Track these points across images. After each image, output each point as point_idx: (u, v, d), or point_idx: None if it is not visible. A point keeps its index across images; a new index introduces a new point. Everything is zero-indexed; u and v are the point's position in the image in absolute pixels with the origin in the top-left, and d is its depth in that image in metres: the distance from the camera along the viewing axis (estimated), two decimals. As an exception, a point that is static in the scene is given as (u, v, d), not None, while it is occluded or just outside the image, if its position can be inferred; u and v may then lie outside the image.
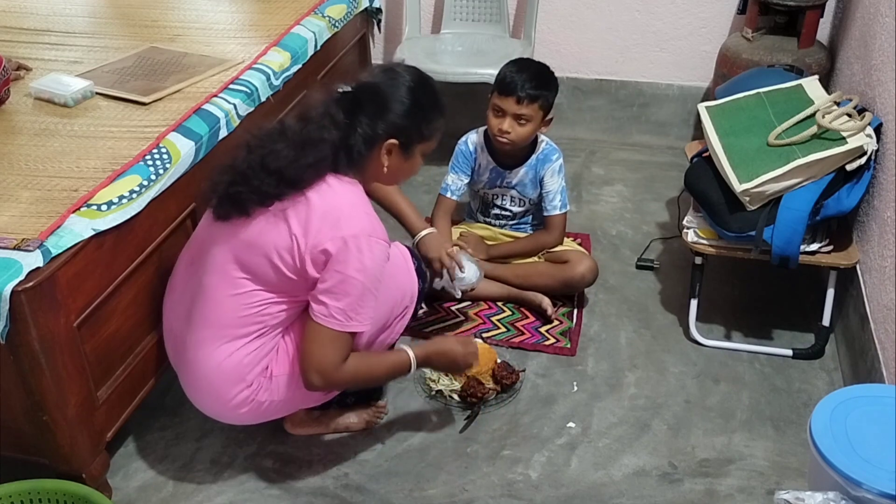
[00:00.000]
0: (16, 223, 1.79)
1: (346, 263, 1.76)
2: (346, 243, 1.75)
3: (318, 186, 1.80)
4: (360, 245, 1.76)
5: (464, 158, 2.66)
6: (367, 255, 1.77)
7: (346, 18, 3.03)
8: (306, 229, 1.77)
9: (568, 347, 2.47)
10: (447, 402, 2.27)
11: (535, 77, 2.46)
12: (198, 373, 1.91)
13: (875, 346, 2.17)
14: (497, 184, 2.65)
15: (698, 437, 2.19)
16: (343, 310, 1.78)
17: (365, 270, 1.77)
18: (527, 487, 2.05)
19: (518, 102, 2.44)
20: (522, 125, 2.48)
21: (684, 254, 2.66)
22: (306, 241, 1.77)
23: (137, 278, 1.99)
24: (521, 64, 2.52)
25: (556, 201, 2.60)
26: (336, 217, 1.78)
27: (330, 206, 1.78)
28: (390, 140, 1.85)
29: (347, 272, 1.76)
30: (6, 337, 1.67)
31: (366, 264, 1.77)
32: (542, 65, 2.55)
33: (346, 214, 1.78)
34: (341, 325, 1.79)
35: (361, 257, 1.76)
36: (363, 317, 1.81)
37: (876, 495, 1.46)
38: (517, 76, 2.45)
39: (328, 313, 1.78)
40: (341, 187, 1.82)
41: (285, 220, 1.78)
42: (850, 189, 2.28)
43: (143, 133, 2.12)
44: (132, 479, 2.08)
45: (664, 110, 3.54)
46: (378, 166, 1.88)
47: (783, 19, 3.06)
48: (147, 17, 2.88)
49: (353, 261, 1.76)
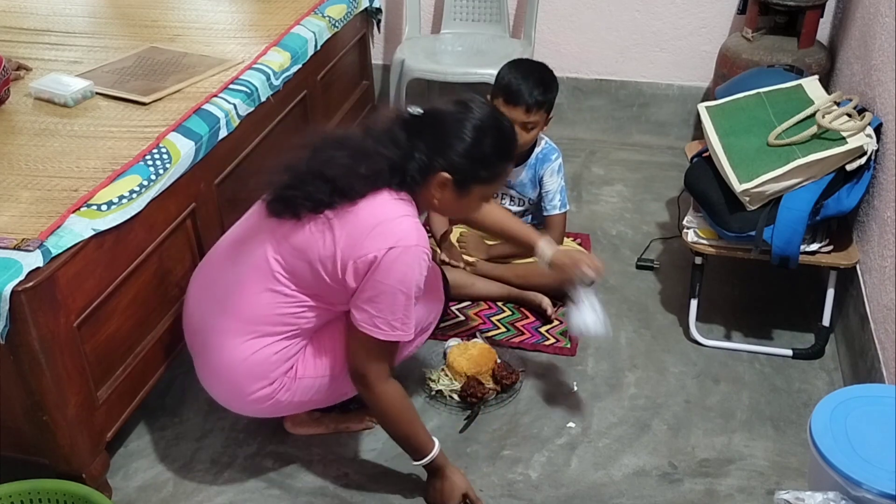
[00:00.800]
0: (16, 223, 1.79)
1: (388, 273, 1.73)
2: (390, 253, 1.73)
3: (371, 198, 1.77)
4: (404, 255, 1.74)
5: None
6: (411, 266, 1.75)
7: (346, 18, 3.03)
8: (350, 238, 1.75)
9: (568, 347, 2.47)
10: (447, 402, 2.27)
11: (541, 82, 2.42)
12: (220, 362, 1.89)
13: (875, 346, 2.17)
14: None
15: (698, 437, 2.19)
16: (386, 319, 1.77)
17: (407, 281, 1.75)
18: (527, 487, 2.05)
19: (527, 112, 2.40)
20: (530, 131, 2.46)
21: (684, 254, 2.66)
22: (350, 250, 1.75)
23: (137, 278, 1.99)
24: (524, 68, 2.46)
25: (555, 201, 2.60)
26: (381, 228, 1.75)
27: (376, 218, 1.75)
28: (444, 174, 1.79)
29: (389, 282, 1.74)
30: (6, 337, 1.67)
31: (408, 275, 1.74)
32: (543, 66, 2.53)
33: (392, 225, 1.75)
34: (385, 334, 1.78)
35: (405, 268, 1.74)
36: (407, 326, 1.80)
37: (876, 495, 1.46)
38: (523, 84, 2.39)
39: (372, 323, 1.77)
40: (391, 201, 1.78)
41: (331, 230, 1.76)
42: (850, 189, 2.28)
43: (143, 133, 2.12)
44: (132, 479, 2.08)
45: (664, 110, 3.54)
46: (430, 197, 1.84)
47: (783, 19, 3.06)
48: (147, 17, 2.88)
49: (395, 271, 1.74)
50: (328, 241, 1.76)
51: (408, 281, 1.75)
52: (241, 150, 2.38)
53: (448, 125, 1.81)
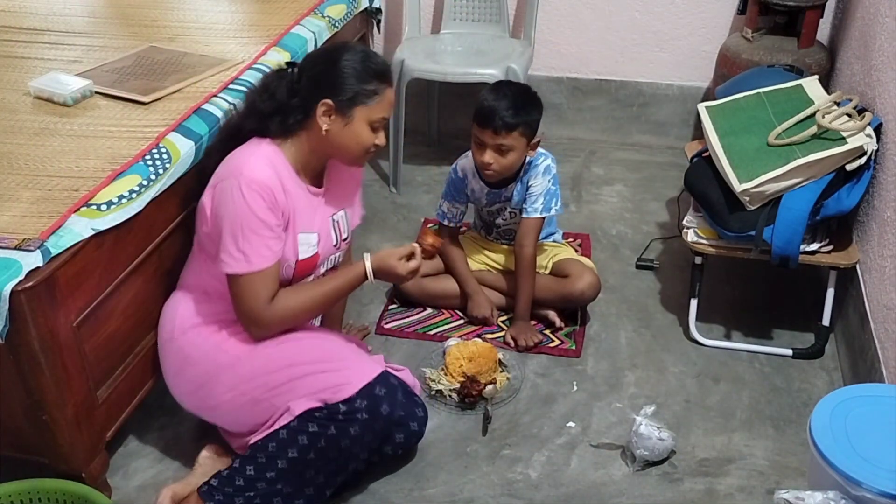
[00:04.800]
0: (17, 223, 1.79)
1: (222, 204, 1.86)
2: (220, 186, 1.87)
3: (240, 147, 1.92)
4: (232, 186, 1.84)
5: (455, 188, 2.59)
6: (235, 196, 1.84)
7: (345, 18, 3.03)
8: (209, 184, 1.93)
9: (573, 349, 2.47)
10: (447, 401, 2.27)
11: (513, 105, 2.33)
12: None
13: (875, 345, 2.17)
14: (497, 200, 2.56)
15: (698, 436, 2.19)
16: (229, 251, 1.86)
17: (235, 209, 1.84)
18: (527, 487, 2.05)
19: (496, 133, 2.33)
20: (505, 155, 2.37)
21: (684, 254, 2.66)
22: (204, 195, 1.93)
23: (137, 278, 1.99)
24: (499, 90, 2.39)
25: (536, 203, 2.47)
26: (222, 167, 1.91)
27: (227, 160, 1.91)
28: (324, 100, 1.89)
29: (222, 212, 1.86)
30: (6, 337, 1.67)
31: (237, 203, 1.84)
32: (522, 87, 2.46)
33: (230, 162, 1.90)
34: (229, 266, 1.87)
35: (232, 197, 1.84)
36: (252, 255, 1.86)
37: (876, 495, 1.46)
38: (494, 104, 2.33)
39: (220, 258, 1.88)
40: (252, 144, 1.93)
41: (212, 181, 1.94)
42: (850, 189, 2.28)
43: (143, 133, 2.12)
44: (132, 478, 2.08)
45: (664, 110, 3.54)
46: (317, 131, 1.93)
47: (783, 19, 3.06)
48: (147, 16, 2.88)
49: (226, 202, 1.85)
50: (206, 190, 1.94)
51: (236, 209, 1.84)
52: (241, 150, 2.37)
53: (321, 59, 1.97)
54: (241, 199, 1.83)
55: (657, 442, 2.06)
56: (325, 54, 2.00)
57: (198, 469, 2.02)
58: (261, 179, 1.85)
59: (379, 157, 3.45)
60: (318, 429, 1.86)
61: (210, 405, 1.99)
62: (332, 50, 1.99)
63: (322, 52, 2.03)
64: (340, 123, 1.92)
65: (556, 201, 2.51)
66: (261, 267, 1.87)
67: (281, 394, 1.90)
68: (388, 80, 1.97)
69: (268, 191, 1.85)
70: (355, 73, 1.91)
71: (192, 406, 2.04)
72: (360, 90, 1.91)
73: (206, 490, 1.90)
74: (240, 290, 1.89)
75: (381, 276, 2.05)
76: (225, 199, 1.86)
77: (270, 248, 1.88)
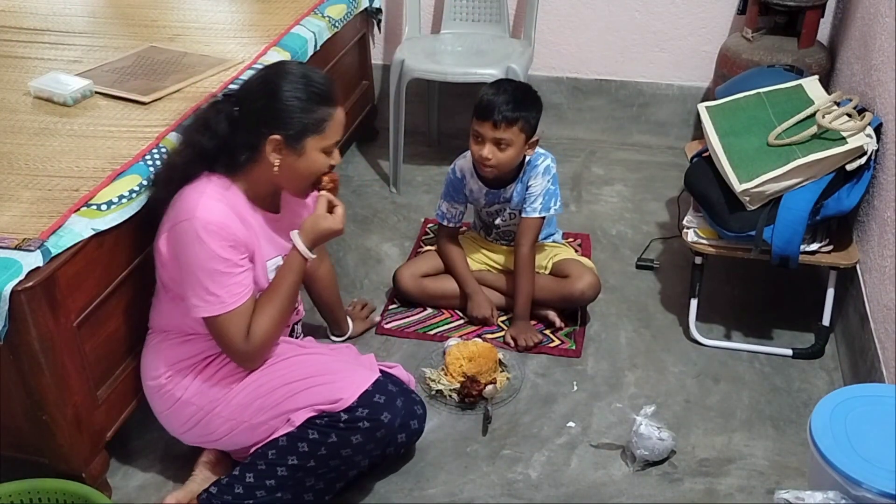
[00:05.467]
0: (17, 223, 1.79)
1: (180, 248, 1.79)
2: (174, 229, 1.80)
3: (187, 186, 1.83)
4: (187, 229, 1.77)
5: (454, 188, 2.58)
6: (192, 238, 1.76)
7: (345, 18, 3.03)
8: (161, 225, 1.86)
9: (573, 349, 2.47)
10: (447, 401, 2.27)
11: (513, 99, 2.33)
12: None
13: (875, 345, 2.17)
14: (496, 201, 2.56)
15: (698, 436, 2.19)
16: (199, 295, 1.80)
17: (196, 253, 1.77)
18: (526, 487, 2.05)
19: (495, 126, 2.32)
20: (503, 150, 2.36)
21: (684, 254, 2.66)
22: (157, 235, 1.86)
23: (137, 278, 1.99)
24: (499, 86, 2.39)
25: (535, 203, 2.46)
26: (172, 209, 1.82)
27: (176, 201, 1.82)
28: (272, 136, 1.80)
29: (183, 258, 1.79)
30: (6, 337, 1.67)
31: (195, 247, 1.76)
32: (523, 85, 2.46)
33: (179, 204, 1.81)
34: (204, 309, 1.81)
35: (190, 241, 1.77)
36: (220, 297, 1.80)
37: (876, 495, 1.46)
38: (494, 98, 2.33)
39: (191, 303, 1.82)
40: (200, 183, 1.83)
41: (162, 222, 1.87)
42: (850, 189, 2.28)
43: (143, 132, 2.12)
44: (132, 478, 2.08)
45: (664, 110, 3.54)
46: (268, 167, 1.84)
47: (783, 19, 3.06)
48: (147, 16, 2.88)
49: (184, 245, 1.78)
50: (160, 233, 1.87)
51: (197, 253, 1.77)
52: (241, 150, 2.37)
53: (259, 91, 1.84)
54: (199, 243, 1.76)
55: (657, 442, 2.06)
56: (262, 85, 1.84)
57: (197, 476, 2.01)
58: (217, 220, 1.77)
59: (379, 158, 3.46)
60: (319, 436, 1.85)
61: (210, 439, 1.97)
62: (269, 79, 1.84)
63: (259, 81, 1.85)
64: (293, 157, 1.83)
65: (556, 201, 2.51)
66: (237, 304, 1.82)
67: (279, 414, 1.89)
68: (334, 101, 1.86)
69: (226, 229, 1.78)
70: (298, 102, 1.80)
71: (191, 441, 2.01)
72: (308, 121, 1.81)
73: (206, 497, 1.90)
74: (220, 329, 1.84)
75: (319, 243, 1.97)
76: (184, 244, 1.78)
77: (242, 283, 1.83)
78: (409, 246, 2.95)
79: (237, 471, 1.90)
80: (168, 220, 1.83)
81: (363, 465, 1.93)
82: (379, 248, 2.93)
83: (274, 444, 1.88)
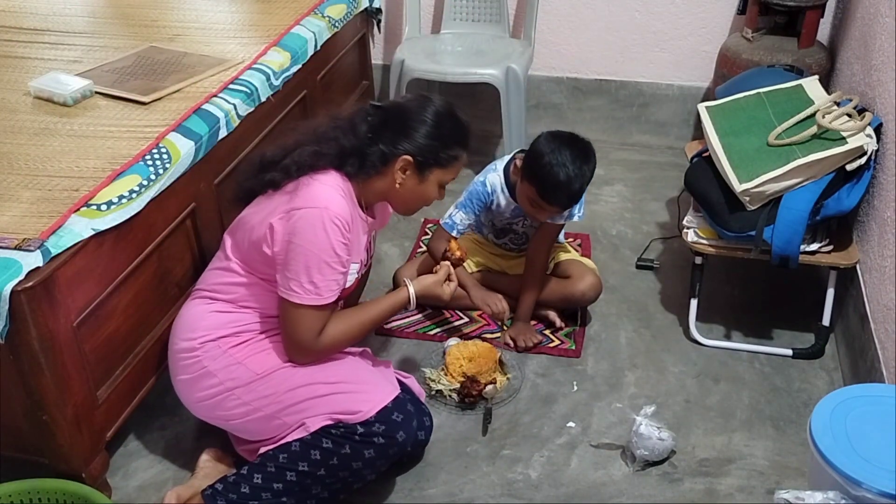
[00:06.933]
0: (17, 223, 1.79)
1: (295, 233, 1.81)
2: (295, 213, 1.82)
3: (311, 176, 1.86)
4: (309, 216, 1.80)
5: (478, 200, 2.49)
6: (315, 227, 1.80)
7: (345, 18, 3.03)
8: (276, 204, 1.86)
9: (573, 349, 2.47)
10: (447, 401, 2.27)
11: (584, 185, 2.28)
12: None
13: (875, 345, 2.17)
14: (521, 214, 2.51)
15: (698, 436, 2.19)
16: (299, 282, 1.82)
17: (315, 241, 1.80)
18: (526, 487, 2.05)
19: (562, 209, 2.36)
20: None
21: (684, 254, 2.66)
22: (272, 214, 1.85)
23: (137, 278, 1.99)
24: (573, 168, 2.22)
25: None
26: (297, 193, 1.85)
27: (301, 185, 1.85)
28: (406, 156, 1.90)
29: (297, 241, 1.81)
30: (6, 337, 1.67)
31: (315, 235, 1.80)
32: (589, 157, 2.28)
33: (306, 190, 1.84)
34: (298, 296, 1.83)
35: (310, 228, 1.80)
36: (320, 290, 1.83)
37: (876, 495, 1.46)
38: (571, 189, 2.24)
39: (287, 286, 1.84)
40: (327, 176, 1.87)
41: (269, 200, 1.90)
42: (850, 189, 2.28)
43: (143, 132, 2.12)
44: (132, 478, 2.08)
45: (664, 110, 3.54)
46: (391, 182, 1.93)
47: (783, 19, 3.06)
48: (147, 16, 2.88)
49: (302, 231, 1.81)
50: (263, 211, 1.89)
51: (316, 242, 1.80)
52: (241, 150, 2.38)
53: (410, 113, 1.94)
54: (323, 233, 1.80)
55: (657, 442, 2.06)
56: (416, 110, 1.93)
57: (199, 472, 2.02)
58: (344, 216, 1.83)
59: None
60: (333, 446, 1.85)
61: (220, 416, 1.97)
62: (424, 105, 1.94)
63: (414, 105, 1.95)
64: (415, 180, 1.94)
65: (580, 207, 2.47)
66: (327, 301, 1.85)
67: (295, 412, 1.89)
68: (468, 145, 2.00)
69: (347, 227, 1.85)
70: (441, 137, 1.92)
71: (200, 414, 2.02)
72: (443, 155, 1.93)
73: (210, 493, 1.89)
74: (298, 319, 1.86)
75: (423, 302, 2.13)
76: (304, 230, 1.81)
77: (339, 282, 1.87)
78: (409, 246, 2.95)
79: (245, 470, 1.90)
80: (290, 203, 1.84)
81: (369, 479, 1.93)
82: (379, 248, 2.93)
83: (286, 448, 1.88)
